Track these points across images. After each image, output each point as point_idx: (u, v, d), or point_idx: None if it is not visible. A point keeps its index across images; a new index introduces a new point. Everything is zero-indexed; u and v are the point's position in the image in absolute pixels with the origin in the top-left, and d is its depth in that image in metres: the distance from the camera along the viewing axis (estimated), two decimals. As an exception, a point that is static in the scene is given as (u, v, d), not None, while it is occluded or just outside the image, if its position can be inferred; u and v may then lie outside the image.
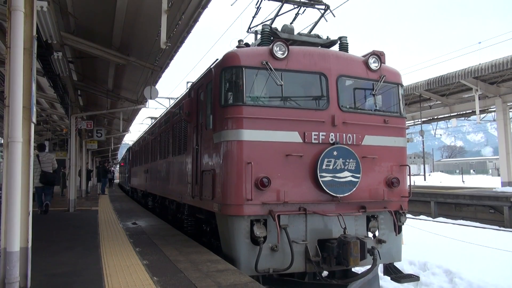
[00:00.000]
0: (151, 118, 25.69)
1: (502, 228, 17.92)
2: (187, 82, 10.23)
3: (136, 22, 9.88)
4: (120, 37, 10.77)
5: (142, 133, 21.57)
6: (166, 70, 12.60)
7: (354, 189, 6.61)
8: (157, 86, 13.72)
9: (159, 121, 14.37)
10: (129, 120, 25.11)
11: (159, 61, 11.31)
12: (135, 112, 21.79)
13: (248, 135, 6.22)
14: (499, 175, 29.53)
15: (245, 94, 6.36)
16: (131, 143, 32.33)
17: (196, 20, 9.15)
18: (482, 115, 29.30)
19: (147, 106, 18.06)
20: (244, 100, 6.34)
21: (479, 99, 24.53)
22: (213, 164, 6.87)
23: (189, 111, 8.33)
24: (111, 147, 35.82)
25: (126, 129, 27.04)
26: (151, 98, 13.18)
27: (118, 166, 57.15)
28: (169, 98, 23.08)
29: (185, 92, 9.91)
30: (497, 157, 29.63)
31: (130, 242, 8.02)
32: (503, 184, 25.38)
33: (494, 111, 26.99)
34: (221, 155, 6.51)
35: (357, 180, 6.64)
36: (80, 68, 14.20)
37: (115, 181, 49.57)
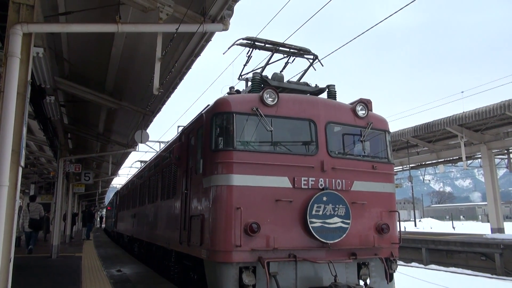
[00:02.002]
0: (141, 161, 25.55)
1: (494, 276, 17.71)
2: (178, 126, 10.28)
3: (130, 68, 10.10)
4: (113, 82, 10.95)
5: (130, 177, 21.37)
6: (158, 115, 12.72)
7: (344, 235, 6.55)
8: (148, 130, 13.79)
9: (148, 164, 14.30)
10: (118, 164, 24.92)
11: (151, 106, 11.44)
12: (124, 156, 21.68)
13: (238, 179, 6.22)
14: (488, 221, 29.54)
15: (235, 139, 6.43)
16: (119, 186, 31.89)
17: (188, 68, 9.39)
18: (469, 161, 29.82)
19: (137, 149, 18.03)
20: (235, 145, 6.40)
21: (465, 145, 25.08)
22: (202, 208, 6.79)
23: (179, 155, 8.34)
24: (99, 190, 35.22)
25: (114, 173, 26.77)
26: (141, 142, 13.19)
27: (104, 210, 55.94)
28: (159, 142, 23.06)
29: (175, 137, 9.96)
30: (486, 203, 29.79)
31: (114, 291, 7.73)
32: (493, 230, 25.39)
33: (480, 157, 27.51)
34: (210, 200, 6.46)
35: (347, 226, 6.59)
36: (72, 111, 14.28)
37: (102, 226, 48.28)
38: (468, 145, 26.31)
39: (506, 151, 27.73)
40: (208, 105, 7.39)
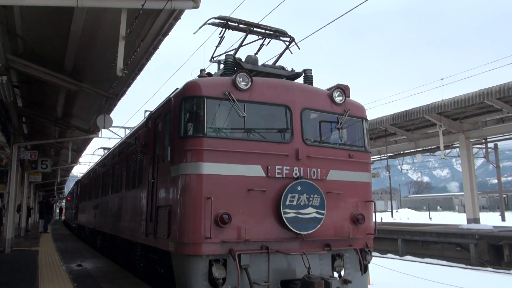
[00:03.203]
0: (104, 149, 25.11)
1: (468, 266, 18.57)
2: (145, 111, 10.17)
3: (91, 47, 9.81)
4: (73, 62, 10.63)
5: (93, 165, 20.98)
6: (122, 98, 12.49)
7: (319, 226, 6.69)
8: (112, 114, 13.52)
9: (112, 152, 14.07)
10: (79, 151, 24.38)
11: (115, 88, 11.20)
12: (86, 142, 21.22)
13: (208, 168, 6.22)
14: (465, 211, 30.79)
15: (206, 125, 6.41)
16: (80, 175, 31.28)
17: (156, 48, 9.22)
18: (447, 151, 30.82)
19: (99, 136, 17.68)
20: (205, 132, 6.38)
21: (443, 134, 25.89)
22: (170, 199, 6.77)
23: (145, 142, 8.24)
24: (58, 179, 34.40)
25: (75, 161, 26.20)
26: (104, 128, 12.93)
27: (64, 201, 54.80)
28: (124, 128, 22.76)
29: (142, 122, 9.84)
30: (463, 193, 31.03)
31: (73, 287, 7.66)
32: (469, 221, 26.47)
33: (458, 146, 28.49)
34: (178, 190, 6.44)
35: (322, 216, 6.73)
36: (27, 93, 13.79)
37: (61, 218, 47.35)
38: (447, 134, 27.17)
39: (484, 141, 28.84)
40: (177, 88, 7.32)
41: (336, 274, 7.21)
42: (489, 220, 33.20)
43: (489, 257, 20.19)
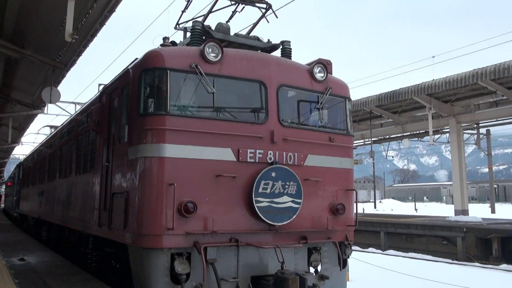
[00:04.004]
0: (51, 127, 24.59)
1: (455, 262, 19.33)
2: (99, 85, 10.01)
3: (35, 7, 9.49)
4: (13, 24, 10.27)
5: (37, 146, 20.55)
6: (72, 69, 12.26)
7: (295, 216, 6.78)
8: (60, 87, 13.24)
9: (60, 131, 13.80)
10: (21, 129, 23.84)
11: (63, 56, 10.94)
12: (29, 119, 20.73)
13: (171, 150, 6.18)
14: (453, 202, 31.91)
15: (169, 101, 6.34)
16: (23, 157, 30.57)
17: (112, 10, 9.02)
18: (436, 136, 31.72)
19: (45, 112, 17.30)
20: (168, 109, 6.31)
21: (432, 118, 26.55)
22: (127, 185, 6.71)
23: (99, 119, 8.11)
24: (-4, 162, 33.52)
25: (16, 140, 25.55)
26: (51, 102, 12.67)
27: (3, 186, 53.51)
28: (74, 103, 22.38)
29: (95, 97, 9.66)
30: (451, 182, 32.10)
31: (15, 284, 7.54)
32: (456, 212, 27.48)
33: (448, 132, 29.33)
34: (137, 174, 6.39)
35: (298, 206, 6.82)
36: (-43, 60, 13.27)
37: (1, 206, 46.39)
38: (436, 117, 27.89)
39: (475, 126, 29.79)
40: (136, 59, 7.19)
41: (312, 270, 7.35)
42: (478, 212, 34.57)
43: (477, 252, 21.06)
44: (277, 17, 8.51)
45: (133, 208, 6.41)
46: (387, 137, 34.61)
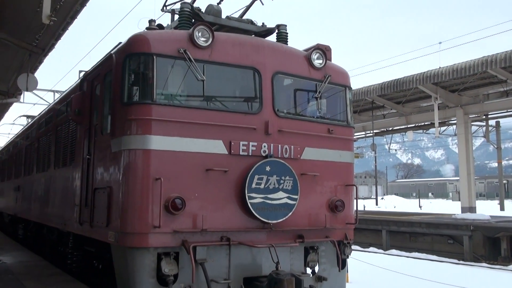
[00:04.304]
0: (27, 117, 24.48)
1: (461, 262, 19.51)
2: (80, 71, 9.97)
3: (10, -14, 9.41)
4: (-15, 5, 10.16)
5: (13, 137, 20.48)
6: (51, 54, 12.17)
7: (290, 213, 6.80)
8: (37, 74, 13.15)
9: (38, 121, 13.73)
10: (-5, 119, 23.63)
11: (41, 40, 10.86)
12: (4, 108, 20.59)
13: (158, 142, 6.16)
14: (459, 199, 32.15)
15: (155, 89, 6.31)
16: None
17: (93, -10, 8.93)
18: (442, 128, 31.87)
19: (21, 100, 17.18)
20: (154, 98, 6.29)
21: (438, 109, 26.64)
22: (110, 179, 6.70)
23: (79, 108, 8.08)
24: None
25: (-10, 131, 25.33)
26: (27, 90, 12.61)
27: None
28: (53, 91, 22.29)
29: (75, 84, 9.61)
30: (458, 178, 32.33)
31: (-11, 286, 7.53)
32: (463, 210, 27.68)
33: (455, 123, 29.46)
34: (120, 168, 6.37)
35: (294, 202, 6.84)
36: None
37: None
38: (443, 108, 27.99)
39: (484, 117, 29.93)
40: (120, 43, 7.15)
41: (309, 270, 7.40)
42: (487, 209, 34.84)
43: (485, 251, 21.26)
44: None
45: (116, 205, 6.40)
46: (390, 129, 34.74)
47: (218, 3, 8.16)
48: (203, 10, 7.74)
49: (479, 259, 20.76)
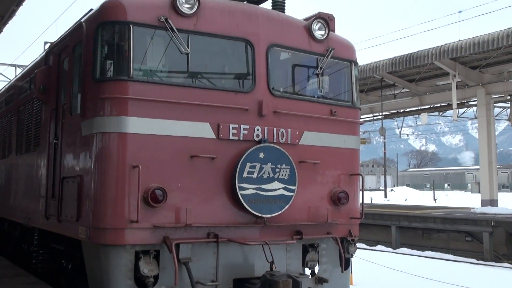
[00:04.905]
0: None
1: (480, 262, 19.67)
2: (45, 43, 9.89)
3: None
4: None
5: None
6: (11, 22, 12.05)
7: (287, 206, 6.83)
8: (-5, 45, 12.99)
9: (-4, 100, 13.66)
10: None
11: (-1, 7, 10.73)
12: (-43, 85, 20.35)
13: (135, 125, 6.15)
14: (479, 191, 32.36)
15: (132, 64, 6.27)
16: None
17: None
18: (461, 110, 31.93)
19: (-23, 76, 17.01)
20: (131, 73, 6.25)
21: (457, 88, 26.64)
22: (80, 167, 6.70)
23: (45, 85, 8.05)
24: None
25: None
26: (-16, 64, 12.46)
27: None
28: (14, 66, 22.14)
29: (39, 57, 9.55)
30: (478, 167, 32.51)
31: None
32: (483, 203, 27.86)
33: (475, 105, 29.52)
34: (92, 155, 6.37)
35: (291, 194, 6.86)
36: None
37: None
38: (461, 87, 28.03)
39: (509, 97, 29.94)
40: (91, 9, 7.11)
41: (308, 271, 7.46)
42: (510, 202, 35.05)
43: (507, 250, 21.43)
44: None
45: (88, 196, 6.40)
46: (402, 111, 34.77)
47: (205, -36, 8.08)
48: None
49: (501, 259, 20.94)
